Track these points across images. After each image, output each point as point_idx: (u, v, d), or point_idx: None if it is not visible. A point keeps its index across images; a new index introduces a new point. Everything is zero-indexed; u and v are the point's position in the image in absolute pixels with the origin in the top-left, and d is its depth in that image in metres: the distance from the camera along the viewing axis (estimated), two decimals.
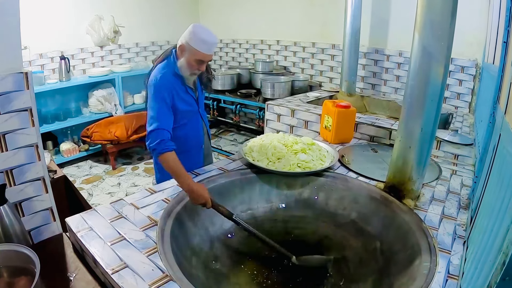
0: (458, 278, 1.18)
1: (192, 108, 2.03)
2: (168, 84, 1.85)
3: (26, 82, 1.25)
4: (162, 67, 1.89)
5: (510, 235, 0.65)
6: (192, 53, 1.81)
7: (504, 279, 0.63)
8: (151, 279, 1.12)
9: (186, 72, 1.88)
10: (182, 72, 1.89)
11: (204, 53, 1.81)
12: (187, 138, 2.05)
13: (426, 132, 1.52)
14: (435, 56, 1.41)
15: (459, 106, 3.47)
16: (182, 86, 1.94)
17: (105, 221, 1.42)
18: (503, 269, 0.63)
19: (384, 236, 1.58)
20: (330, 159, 2.03)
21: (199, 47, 1.79)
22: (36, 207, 1.39)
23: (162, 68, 1.88)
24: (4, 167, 1.27)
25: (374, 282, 1.41)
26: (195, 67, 1.86)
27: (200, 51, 1.80)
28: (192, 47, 1.80)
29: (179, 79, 1.91)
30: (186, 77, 1.92)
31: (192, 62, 1.84)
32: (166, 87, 1.84)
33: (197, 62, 1.84)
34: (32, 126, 1.30)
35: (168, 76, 1.86)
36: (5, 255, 1.14)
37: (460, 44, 3.14)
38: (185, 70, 1.87)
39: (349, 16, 3.60)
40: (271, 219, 1.81)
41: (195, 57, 1.82)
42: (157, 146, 1.71)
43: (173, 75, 1.89)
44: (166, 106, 1.84)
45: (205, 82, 2.13)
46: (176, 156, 1.71)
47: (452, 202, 1.70)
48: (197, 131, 2.13)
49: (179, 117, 1.97)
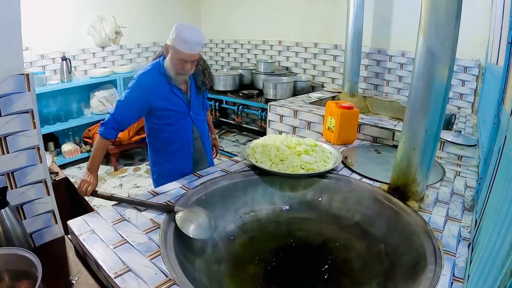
0: (464, 281, 1.17)
1: (179, 109, 2.01)
2: (147, 82, 1.88)
3: (27, 84, 1.24)
4: (150, 64, 1.94)
5: None
6: (174, 53, 1.82)
7: None
8: (154, 283, 1.10)
9: (172, 72, 1.89)
10: (168, 72, 1.90)
11: (186, 52, 1.80)
12: (172, 140, 2.05)
13: (430, 133, 1.51)
14: (440, 57, 1.40)
15: (462, 107, 3.45)
16: (167, 84, 1.95)
17: (108, 224, 1.41)
18: None
19: (388, 239, 1.56)
20: (333, 161, 2.02)
21: (180, 46, 1.79)
22: (37, 209, 1.38)
23: (149, 66, 1.93)
24: (5, 170, 1.26)
25: (378, 285, 1.39)
26: (178, 67, 1.86)
27: (181, 50, 1.80)
28: (174, 46, 1.81)
29: (165, 78, 1.93)
30: (172, 77, 1.93)
31: (175, 62, 1.84)
32: (144, 84, 1.88)
33: (180, 62, 1.84)
34: (33, 128, 1.29)
35: (151, 74, 1.90)
36: (7, 258, 1.13)
37: (462, 44, 3.09)
38: (170, 69, 1.89)
39: (351, 16, 3.59)
40: (274, 221, 1.80)
41: (177, 57, 1.82)
42: (100, 129, 1.88)
43: (159, 73, 1.91)
44: (133, 102, 1.90)
45: (199, 85, 2.09)
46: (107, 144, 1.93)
47: (456, 203, 1.68)
48: (185, 135, 2.10)
49: (160, 115, 1.99)
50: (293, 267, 1.57)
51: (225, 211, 1.73)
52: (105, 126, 1.90)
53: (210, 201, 1.69)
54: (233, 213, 1.76)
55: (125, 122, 1.94)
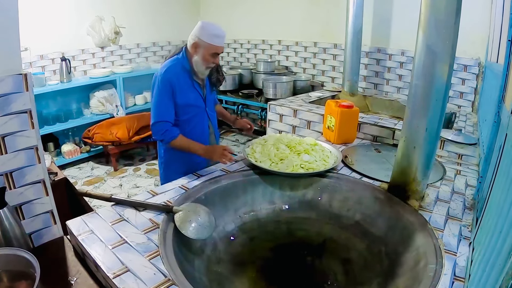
0: (465, 281, 1.16)
1: (197, 105, 2.07)
2: (171, 76, 1.93)
3: (25, 84, 1.24)
4: (169, 61, 1.99)
5: None
6: (206, 48, 1.92)
7: None
8: (153, 284, 1.10)
9: (202, 67, 1.98)
10: (198, 68, 1.98)
11: (219, 45, 1.95)
12: (190, 135, 2.06)
13: (431, 132, 1.50)
14: (440, 55, 1.39)
15: (462, 105, 3.45)
16: (189, 80, 2.01)
17: (106, 224, 1.40)
18: None
19: (389, 238, 1.56)
20: (333, 160, 2.01)
21: (214, 41, 1.91)
22: (36, 210, 1.37)
23: (169, 62, 1.98)
24: (4, 170, 1.25)
25: (379, 285, 1.39)
26: (210, 60, 1.96)
27: (215, 45, 1.92)
28: (206, 42, 1.91)
29: (186, 73, 2.00)
30: (201, 72, 2.01)
31: (207, 56, 1.94)
32: (169, 79, 1.93)
33: (212, 56, 1.95)
34: (31, 128, 1.28)
35: (174, 69, 1.95)
36: (5, 259, 1.13)
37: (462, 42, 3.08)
38: (201, 65, 1.97)
39: (351, 15, 3.59)
40: (274, 221, 1.80)
41: (209, 51, 1.93)
42: (164, 137, 1.93)
43: (182, 69, 1.98)
44: (167, 98, 1.94)
45: (214, 82, 2.18)
46: (182, 137, 1.95)
47: (457, 202, 1.68)
48: (202, 130, 2.15)
49: (181, 111, 2.03)
50: (293, 267, 1.57)
51: (224, 211, 1.73)
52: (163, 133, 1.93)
53: (209, 200, 1.68)
54: (233, 212, 1.75)
55: (170, 116, 1.97)
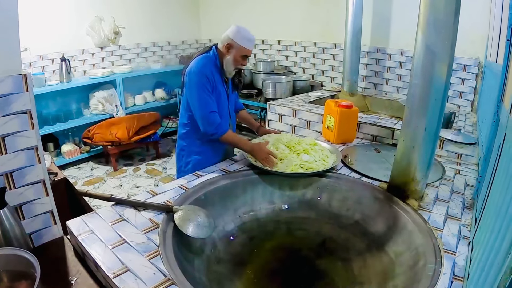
0: (464, 280, 1.17)
1: (223, 102, 2.14)
2: (207, 72, 2.00)
3: (25, 84, 1.24)
4: (202, 58, 2.06)
5: None
6: (239, 50, 2.04)
7: None
8: (153, 283, 1.10)
9: (231, 67, 2.09)
10: (227, 67, 2.09)
11: (250, 49, 2.07)
12: None
13: (430, 132, 1.51)
14: (439, 55, 1.40)
15: (462, 105, 3.45)
16: (220, 78, 2.11)
17: (106, 224, 1.41)
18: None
19: (388, 237, 1.56)
20: (332, 160, 2.02)
21: (246, 45, 2.04)
22: (36, 210, 1.37)
23: (202, 59, 2.06)
24: (4, 170, 1.25)
25: (378, 284, 1.39)
26: (240, 62, 2.08)
27: (247, 48, 2.05)
28: (239, 44, 2.03)
29: (218, 71, 2.09)
30: (229, 72, 2.11)
31: (238, 58, 2.06)
32: (206, 74, 1.99)
33: (243, 58, 2.08)
34: (31, 128, 1.28)
35: (209, 66, 2.04)
36: (5, 259, 1.13)
37: (462, 42, 3.08)
38: (230, 65, 2.08)
39: (351, 15, 3.59)
40: (274, 221, 1.80)
41: (241, 53, 2.05)
42: (217, 130, 2.01)
43: (214, 66, 2.07)
44: (208, 91, 2.00)
45: (236, 83, 2.30)
46: (231, 131, 2.08)
47: (456, 202, 1.68)
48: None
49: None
50: (292, 267, 1.57)
51: (224, 211, 1.73)
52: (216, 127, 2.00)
53: (209, 200, 1.68)
54: (233, 212, 1.76)
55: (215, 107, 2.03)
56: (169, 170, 4.56)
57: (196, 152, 2.18)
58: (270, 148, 2.01)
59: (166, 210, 1.50)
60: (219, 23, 5.78)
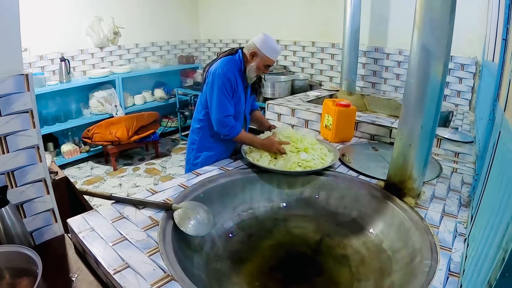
0: (459, 276, 1.18)
1: (241, 106, 2.19)
2: (231, 76, 2.04)
3: (26, 84, 1.25)
4: (228, 60, 2.09)
5: (510, 231, 0.65)
6: (263, 59, 2.08)
7: (504, 275, 0.63)
8: (152, 279, 1.12)
9: (253, 74, 2.12)
10: (249, 74, 2.12)
11: (273, 59, 2.10)
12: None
13: (426, 130, 1.53)
14: (435, 54, 1.42)
15: (460, 104, 3.47)
16: (241, 82, 2.15)
17: (107, 222, 1.42)
18: (502, 265, 0.63)
19: (385, 235, 1.58)
20: (330, 158, 2.03)
21: (270, 54, 2.07)
22: (37, 208, 1.39)
23: (228, 62, 2.09)
24: (6, 169, 1.27)
25: (375, 280, 1.41)
26: (262, 70, 2.12)
27: (271, 58, 2.08)
28: (264, 54, 2.06)
29: (240, 76, 2.13)
30: (250, 78, 2.15)
31: (261, 67, 2.10)
32: (229, 77, 2.03)
33: (265, 67, 2.12)
34: (33, 127, 1.30)
35: (233, 69, 2.07)
36: (7, 256, 1.14)
37: (460, 41, 3.14)
38: (253, 72, 2.11)
39: (349, 15, 3.61)
40: (272, 218, 1.82)
41: (264, 62, 2.09)
42: (230, 132, 2.06)
43: (238, 71, 2.11)
44: (228, 94, 2.04)
45: (255, 88, 2.32)
46: (244, 132, 2.14)
47: (453, 200, 1.70)
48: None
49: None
50: (291, 263, 1.59)
51: (223, 209, 1.75)
52: (230, 130, 2.06)
53: (208, 198, 1.70)
54: (231, 210, 1.77)
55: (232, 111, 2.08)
56: (169, 170, 4.58)
57: (208, 148, 2.22)
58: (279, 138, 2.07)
59: (165, 208, 1.51)
60: (218, 23, 5.80)
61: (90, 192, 1.65)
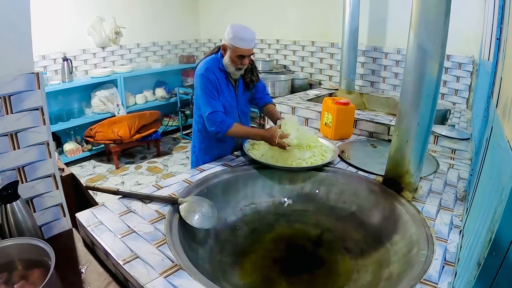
0: (454, 264, 1.23)
1: (231, 103, 2.16)
2: (209, 75, 2.04)
3: (37, 82, 1.30)
4: (208, 60, 2.10)
5: (497, 214, 0.70)
6: (233, 51, 2.02)
7: (491, 254, 0.68)
8: (161, 268, 1.17)
9: (231, 68, 2.08)
10: (228, 68, 2.09)
11: (244, 48, 2.01)
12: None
13: (422, 126, 1.57)
14: (430, 53, 1.46)
15: (457, 102, 3.51)
16: (225, 80, 2.13)
17: (114, 216, 1.47)
18: (489, 244, 0.68)
19: (383, 228, 1.63)
20: (330, 155, 2.08)
21: (240, 44, 2.00)
22: (47, 203, 1.43)
23: (208, 62, 2.09)
24: (17, 165, 1.31)
25: (374, 271, 1.45)
26: (237, 62, 2.05)
27: (241, 47, 2.00)
28: (233, 45, 2.00)
29: (223, 73, 2.11)
30: (232, 72, 2.11)
31: (234, 59, 2.04)
32: (208, 77, 2.03)
33: (239, 58, 2.04)
34: (43, 124, 1.34)
35: (212, 68, 2.06)
36: (21, 248, 1.18)
37: (457, 41, 3.19)
38: (230, 66, 2.07)
39: (348, 15, 3.65)
40: (273, 213, 1.87)
41: (235, 53, 2.02)
42: (220, 128, 2.00)
43: (218, 69, 2.09)
44: (212, 93, 2.04)
45: (247, 82, 2.26)
46: (238, 124, 2.06)
47: (449, 194, 1.75)
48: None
49: None
50: (292, 256, 1.63)
51: (226, 204, 1.79)
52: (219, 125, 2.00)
53: (211, 194, 1.75)
54: (234, 205, 1.82)
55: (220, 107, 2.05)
56: (170, 168, 4.62)
57: (206, 152, 2.24)
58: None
59: (171, 202, 1.56)
60: (219, 22, 5.83)
61: (97, 188, 1.69)
